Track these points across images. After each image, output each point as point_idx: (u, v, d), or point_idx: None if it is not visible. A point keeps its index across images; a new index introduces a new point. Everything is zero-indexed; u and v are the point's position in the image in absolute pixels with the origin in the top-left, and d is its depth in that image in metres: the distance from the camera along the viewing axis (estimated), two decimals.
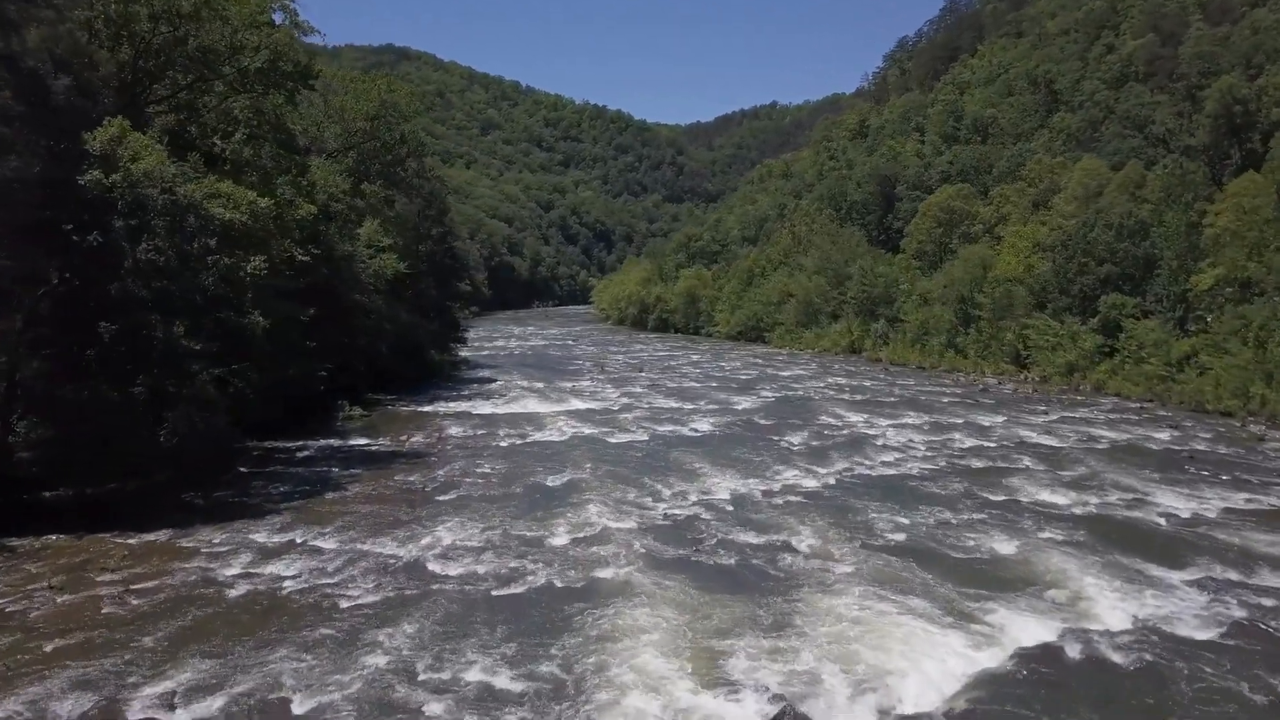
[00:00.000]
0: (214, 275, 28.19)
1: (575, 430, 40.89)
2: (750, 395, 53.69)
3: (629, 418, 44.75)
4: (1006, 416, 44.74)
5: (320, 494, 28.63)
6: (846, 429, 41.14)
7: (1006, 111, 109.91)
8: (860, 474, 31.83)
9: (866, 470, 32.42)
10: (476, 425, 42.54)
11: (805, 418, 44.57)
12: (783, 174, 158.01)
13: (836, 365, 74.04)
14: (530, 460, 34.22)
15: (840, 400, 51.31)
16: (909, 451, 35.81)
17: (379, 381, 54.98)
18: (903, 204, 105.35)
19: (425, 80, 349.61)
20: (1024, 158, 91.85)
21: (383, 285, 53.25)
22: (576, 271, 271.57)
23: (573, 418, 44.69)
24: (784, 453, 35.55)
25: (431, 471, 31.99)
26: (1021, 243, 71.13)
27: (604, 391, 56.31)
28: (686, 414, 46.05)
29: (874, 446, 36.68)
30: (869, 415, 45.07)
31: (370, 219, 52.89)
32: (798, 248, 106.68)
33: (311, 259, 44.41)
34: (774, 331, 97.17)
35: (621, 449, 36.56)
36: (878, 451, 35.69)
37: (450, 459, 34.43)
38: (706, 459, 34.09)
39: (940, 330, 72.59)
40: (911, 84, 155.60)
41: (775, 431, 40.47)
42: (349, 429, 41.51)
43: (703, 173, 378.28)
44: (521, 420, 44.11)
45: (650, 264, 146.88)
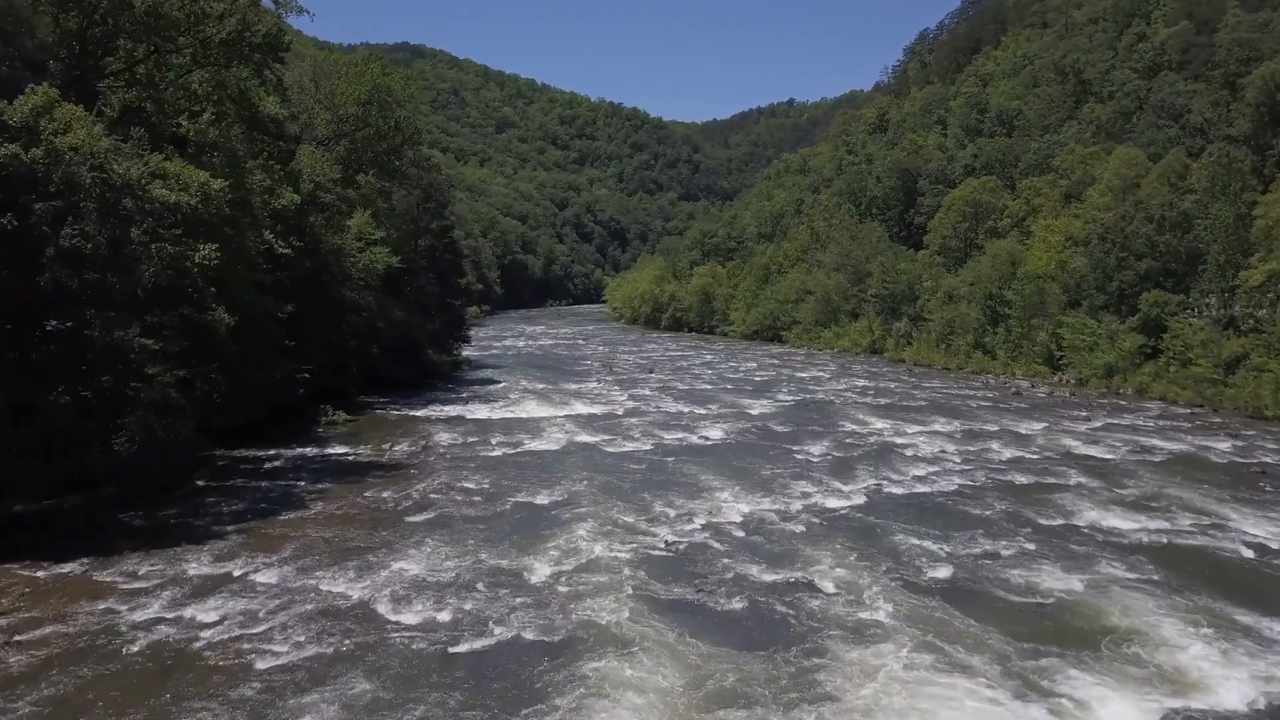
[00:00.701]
0: (156, 266, 24.77)
1: (574, 438, 37.44)
2: (766, 398, 50.15)
3: (634, 423, 41.28)
4: (1046, 423, 41.03)
5: (278, 513, 25.27)
6: (871, 437, 37.52)
7: (1033, 103, 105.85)
8: (890, 491, 28.18)
9: (897, 487, 28.77)
10: (469, 432, 39.15)
11: (826, 424, 41.00)
12: (800, 169, 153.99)
13: (857, 366, 70.36)
14: (521, 473, 30.78)
15: (863, 404, 47.69)
16: (942, 464, 32.15)
17: (372, 383, 51.78)
18: (925, 199, 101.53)
19: (440, 78, 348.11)
20: (1053, 149, 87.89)
21: (375, 281, 49.97)
22: (591, 270, 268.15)
23: (573, 423, 41.26)
24: (803, 465, 31.96)
25: (408, 486, 28.58)
26: (1053, 237, 67.30)
27: (610, 394, 52.86)
28: (696, 420, 42.55)
29: (903, 458, 33.04)
30: (895, 421, 41.45)
31: (360, 210, 49.58)
32: (816, 244, 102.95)
33: (294, 251, 41.26)
34: (791, 331, 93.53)
35: (623, 460, 33.06)
36: (908, 464, 32.02)
37: (432, 471, 31.01)
38: (716, 472, 30.56)
39: (967, 329, 68.81)
40: (932, 77, 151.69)
41: (793, 440, 36.90)
42: (329, 436, 38.19)
43: (719, 170, 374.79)
44: (518, 426, 40.70)
45: (664, 261, 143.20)
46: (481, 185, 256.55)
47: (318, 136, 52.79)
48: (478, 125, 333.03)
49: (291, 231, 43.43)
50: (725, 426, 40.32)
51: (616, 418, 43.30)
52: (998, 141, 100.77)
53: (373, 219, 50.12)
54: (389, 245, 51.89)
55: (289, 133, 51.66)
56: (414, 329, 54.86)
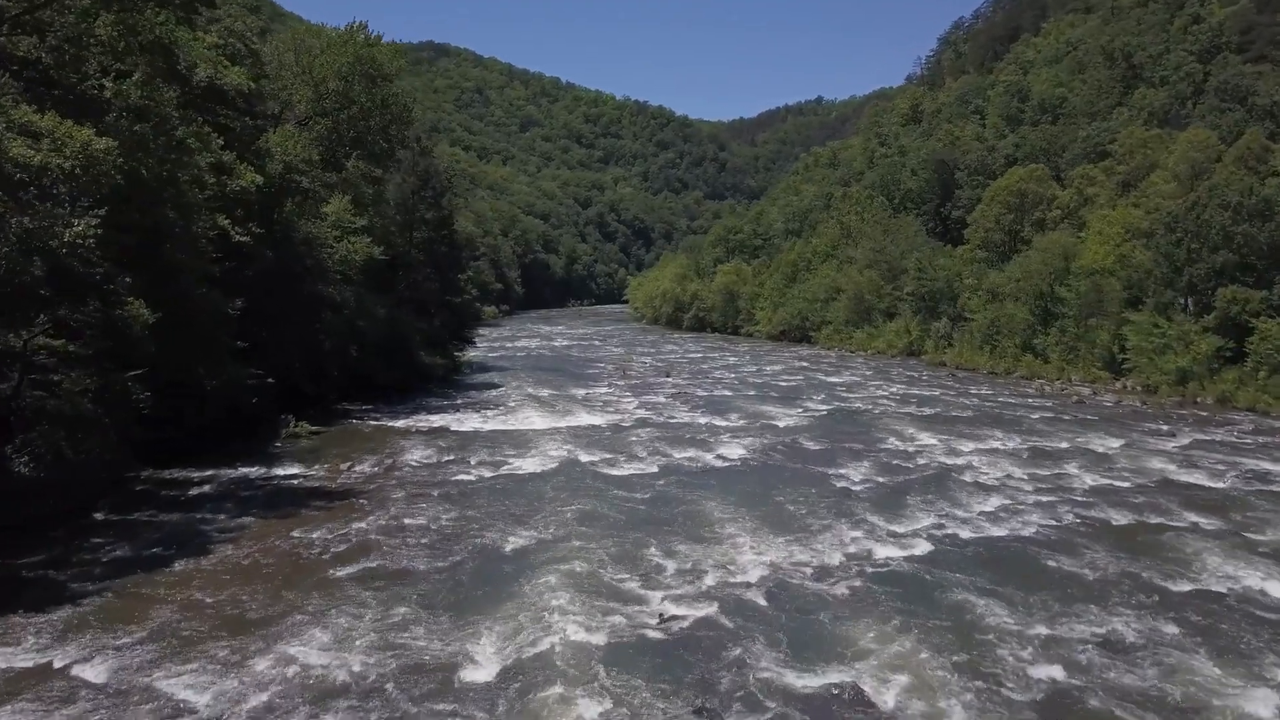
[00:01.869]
0: (9, 242, 19.30)
1: (570, 456, 31.75)
2: (795, 408, 44.29)
3: (641, 438, 35.54)
4: (1123, 439, 34.96)
5: (170, 561, 19.74)
6: (920, 457, 31.58)
7: (1079, 89, 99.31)
8: (954, 535, 22.21)
9: (962, 528, 22.80)
10: (449, 447, 33.57)
11: (865, 440, 35.10)
12: (829, 162, 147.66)
13: (894, 370, 64.30)
14: (494, 505, 25.13)
15: (905, 415, 41.76)
16: (1013, 494, 26.17)
17: (357, 388, 46.43)
18: (963, 191, 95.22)
19: (464, 77, 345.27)
20: (1104, 136, 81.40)
21: (355, 274, 44.54)
22: (614, 270, 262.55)
23: (572, 437, 35.61)
24: (841, 497, 26.06)
25: (350, 523, 22.98)
26: (1111, 228, 60.97)
27: (620, 402, 47.21)
28: (714, 433, 36.76)
29: (963, 486, 27.10)
30: (946, 436, 35.50)
31: (339, 195, 44.15)
32: (847, 240, 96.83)
33: (254, 239, 35.93)
34: (821, 331, 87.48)
35: (622, 487, 27.31)
36: (970, 495, 26.08)
37: (386, 501, 25.40)
38: (733, 505, 24.75)
39: (1014, 330, 62.64)
40: (968, 67, 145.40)
41: (827, 461, 31.01)
42: (284, 452, 32.71)
43: (745, 169, 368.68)
44: (508, 441, 35.09)
45: (686, 259, 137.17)
46: (503, 184, 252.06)
47: (298, 115, 47.53)
48: (501, 124, 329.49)
49: (257, 218, 38.27)
50: (747, 443, 34.48)
51: (622, 430, 37.60)
52: (1042, 130, 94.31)
53: (353, 205, 44.64)
54: (373, 235, 46.47)
55: (268, 110, 46.47)
56: (403, 328, 49.36)
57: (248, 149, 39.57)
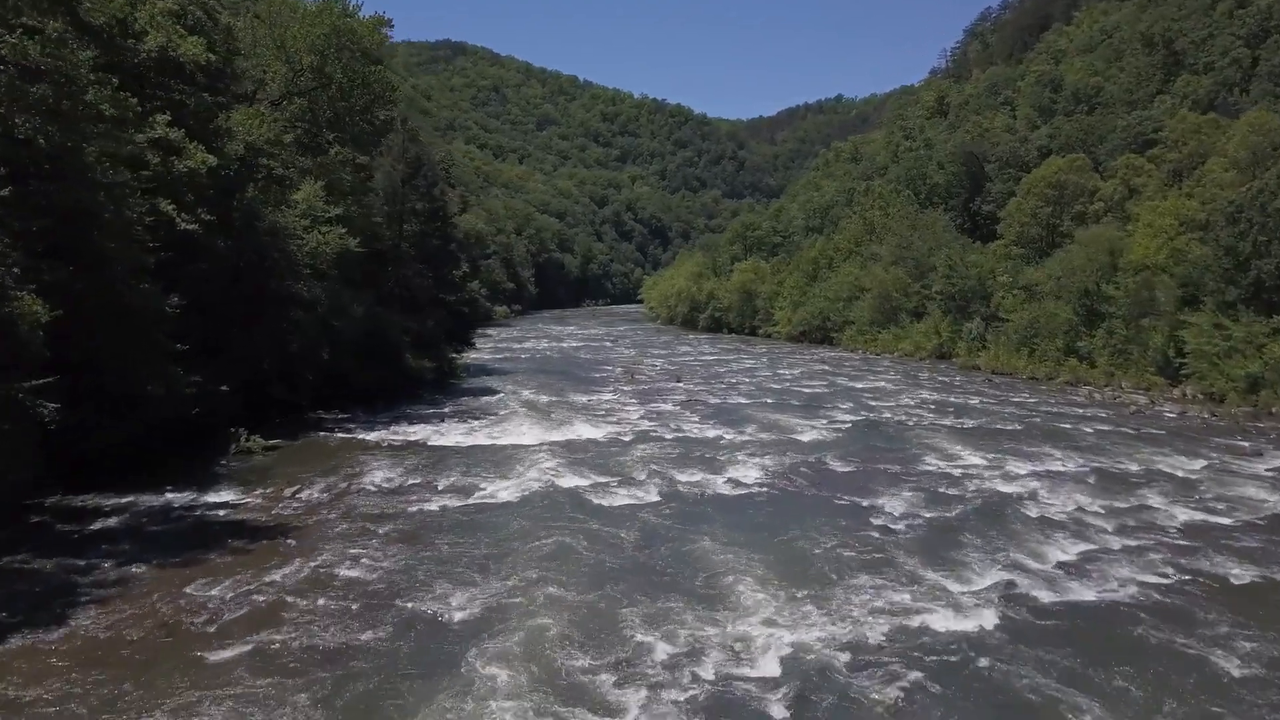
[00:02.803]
0: None
1: (555, 480, 27.06)
2: (818, 419, 39.49)
3: (642, 456, 30.82)
4: (1202, 460, 30.00)
5: (8, 634, 15.22)
6: (970, 482, 26.75)
7: (1116, 77, 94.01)
8: (1030, 597, 17.25)
9: (1038, 586, 17.80)
10: (419, 466, 29.02)
11: (902, 460, 30.26)
12: (851, 157, 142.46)
13: (924, 374, 59.36)
14: (451, 547, 20.48)
15: (944, 428, 36.90)
16: (1092, 535, 21.23)
17: (335, 393, 42.03)
18: (994, 184, 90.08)
19: (481, 75, 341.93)
20: (1147, 125, 76.13)
21: (330, 268, 40.03)
22: (631, 269, 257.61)
23: (563, 455, 30.96)
24: (879, 539, 21.18)
25: (264, 574, 18.34)
26: (1162, 220, 55.84)
27: (624, 410, 42.56)
28: (726, 451, 32.00)
29: (1028, 523, 22.21)
30: (995, 455, 30.63)
31: (311, 181, 39.65)
32: (871, 236, 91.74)
33: (204, 228, 31.51)
34: (844, 332, 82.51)
35: (611, 523, 22.57)
36: (1039, 536, 21.17)
37: (321, 542, 20.77)
38: (745, 552, 19.94)
39: (1055, 332, 57.56)
40: (995, 58, 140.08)
41: (860, 488, 26.20)
42: (228, 472, 28.20)
43: (764, 167, 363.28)
44: (488, 459, 30.48)
45: (703, 257, 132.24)
46: (519, 182, 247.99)
47: (271, 95, 43.12)
48: (518, 122, 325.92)
49: (213, 204, 33.90)
50: (764, 463, 29.68)
51: (622, 446, 32.91)
52: (1077, 120, 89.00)
53: (328, 192, 40.13)
54: (354, 225, 41.94)
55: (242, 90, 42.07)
56: (387, 328, 44.82)
57: (205, 127, 35.27)
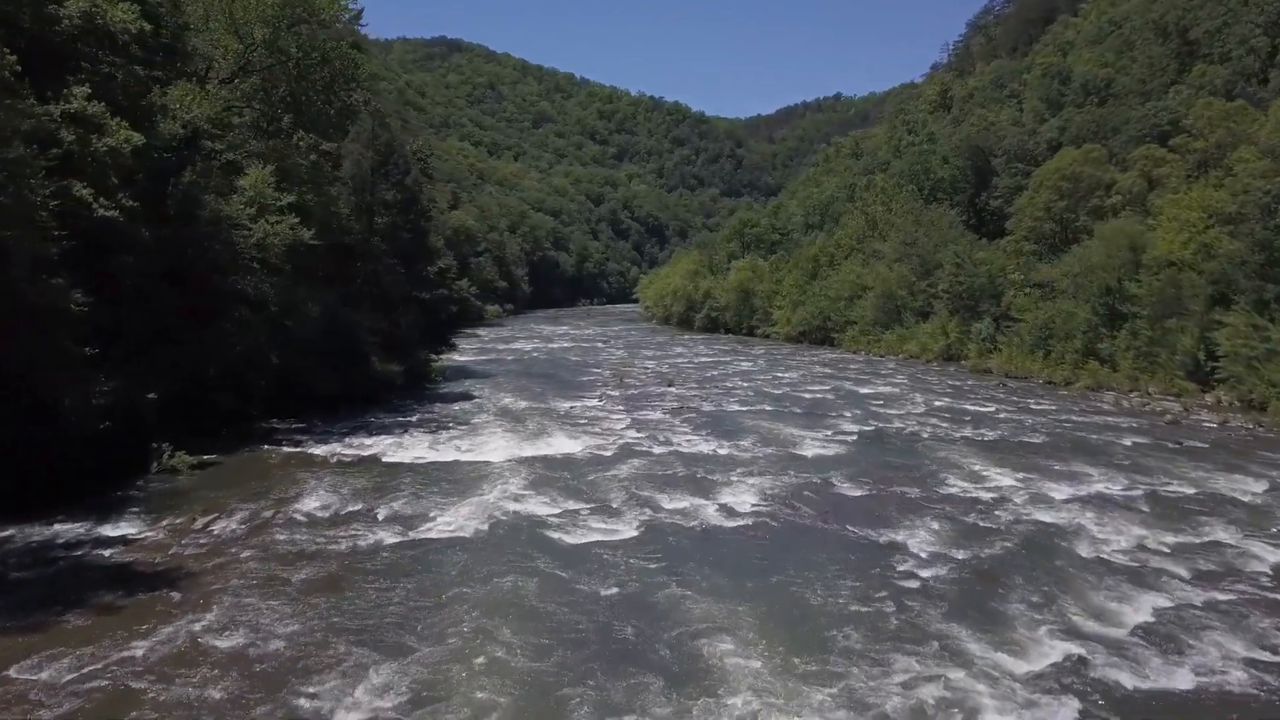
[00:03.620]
0: None
1: (518, 507, 23.30)
2: (822, 429, 35.78)
3: (623, 477, 27.08)
4: (1262, 479, 26.24)
5: None
6: (1002, 509, 22.99)
7: (1129, 68, 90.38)
8: (1109, 682, 13.26)
9: (1116, 664, 13.83)
10: (363, 489, 25.28)
11: (920, 480, 26.54)
12: (852, 153, 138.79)
13: (933, 378, 55.67)
14: (372, 602, 16.69)
15: (963, 441, 33.20)
16: (1167, 586, 17.33)
17: (294, 400, 38.36)
18: (1001, 179, 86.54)
19: (477, 72, 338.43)
20: (1163, 116, 72.54)
21: (282, 262, 36.28)
22: (627, 268, 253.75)
23: (533, 474, 27.24)
24: (903, 589, 17.28)
25: (117, 648, 14.37)
26: (1188, 214, 52.19)
27: (608, 419, 38.89)
28: (719, 469, 28.28)
29: (1083, 567, 18.38)
30: (1025, 474, 26.94)
31: (259, 166, 35.91)
32: (873, 232, 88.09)
33: (125, 214, 27.87)
34: (845, 333, 78.80)
35: (576, 568, 18.71)
36: (1100, 584, 17.31)
37: (211, 595, 16.87)
38: (736, 608, 16.10)
39: (1073, 332, 53.83)
40: (999, 51, 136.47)
41: (875, 518, 22.41)
42: (141, 496, 24.42)
43: (763, 166, 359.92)
44: (447, 479, 26.77)
45: (699, 255, 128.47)
46: (514, 180, 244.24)
47: (221, 74, 39.43)
48: (514, 120, 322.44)
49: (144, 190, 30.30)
50: (762, 485, 25.92)
51: (601, 463, 29.19)
52: (1088, 112, 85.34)
53: (279, 177, 36.41)
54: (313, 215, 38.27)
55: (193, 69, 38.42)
56: (350, 329, 41.07)
57: (136, 104, 31.60)
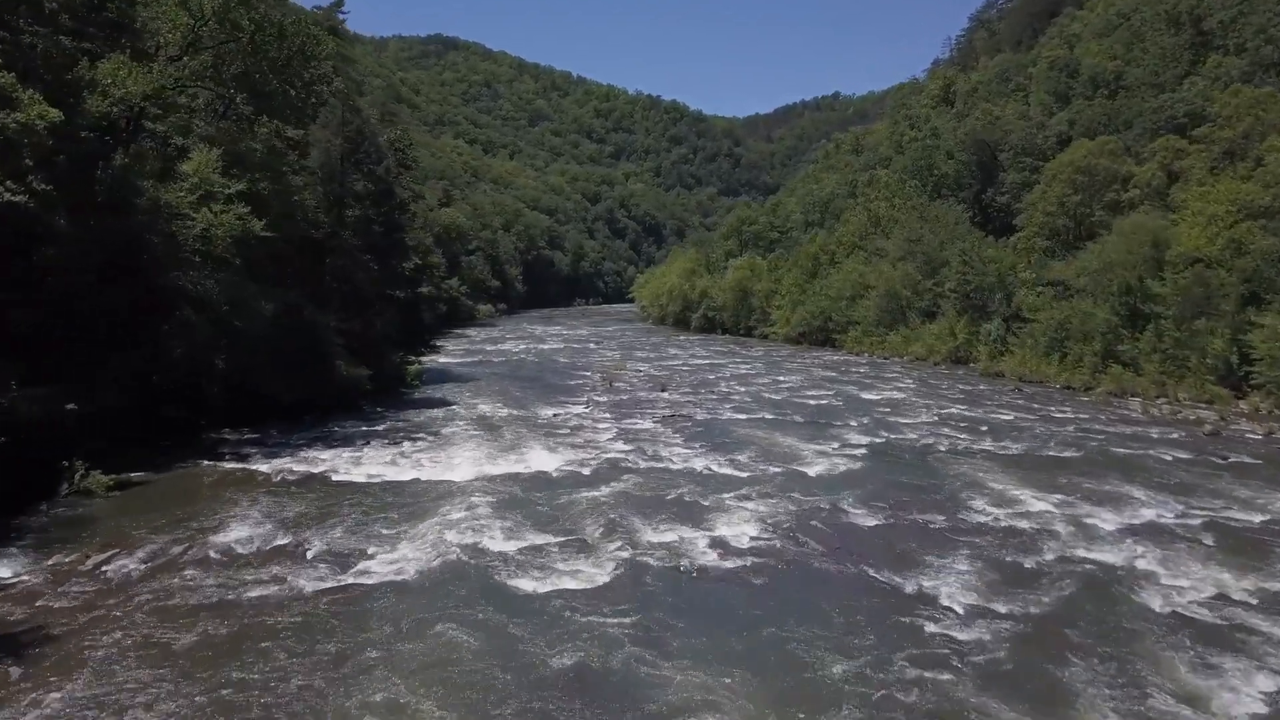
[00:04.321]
0: None
1: (475, 540, 19.87)
2: (828, 440, 32.44)
3: (601, 502, 23.65)
4: None
5: None
6: (1043, 544, 19.56)
7: (1141, 59, 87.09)
8: None
9: None
10: (299, 516, 21.89)
11: (944, 504, 23.16)
12: (853, 149, 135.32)
13: (943, 382, 52.31)
14: (286, 661, 13.37)
15: (985, 455, 29.83)
16: (1266, 655, 14.17)
17: (255, 409, 35.07)
18: (1008, 174, 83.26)
19: (473, 70, 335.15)
20: (1179, 106, 69.22)
21: (232, 256, 32.80)
22: (624, 267, 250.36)
23: (500, 497, 23.86)
24: (938, 655, 13.89)
25: None
26: (1215, 207, 49.00)
27: (593, 429, 35.53)
28: (712, 491, 24.88)
29: (1160, 626, 15.02)
30: (1062, 496, 23.57)
31: (204, 149, 32.43)
32: (876, 229, 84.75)
33: (38, 200, 24.61)
34: (847, 334, 75.43)
35: (533, 626, 15.28)
36: (1186, 653, 13.96)
37: (72, 666, 13.53)
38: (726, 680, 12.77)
39: (1091, 334, 50.48)
40: (1003, 46, 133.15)
41: (894, 555, 18.96)
42: (37, 525, 20.98)
43: (761, 165, 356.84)
44: (401, 502, 23.38)
45: (696, 253, 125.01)
46: (509, 178, 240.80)
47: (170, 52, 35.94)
48: (510, 118, 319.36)
49: (66, 175, 27.06)
50: (761, 511, 22.52)
51: (579, 483, 25.82)
52: (1099, 104, 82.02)
53: (229, 162, 32.96)
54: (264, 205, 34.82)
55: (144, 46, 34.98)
56: (311, 330, 37.65)
57: (60, 78, 28.25)
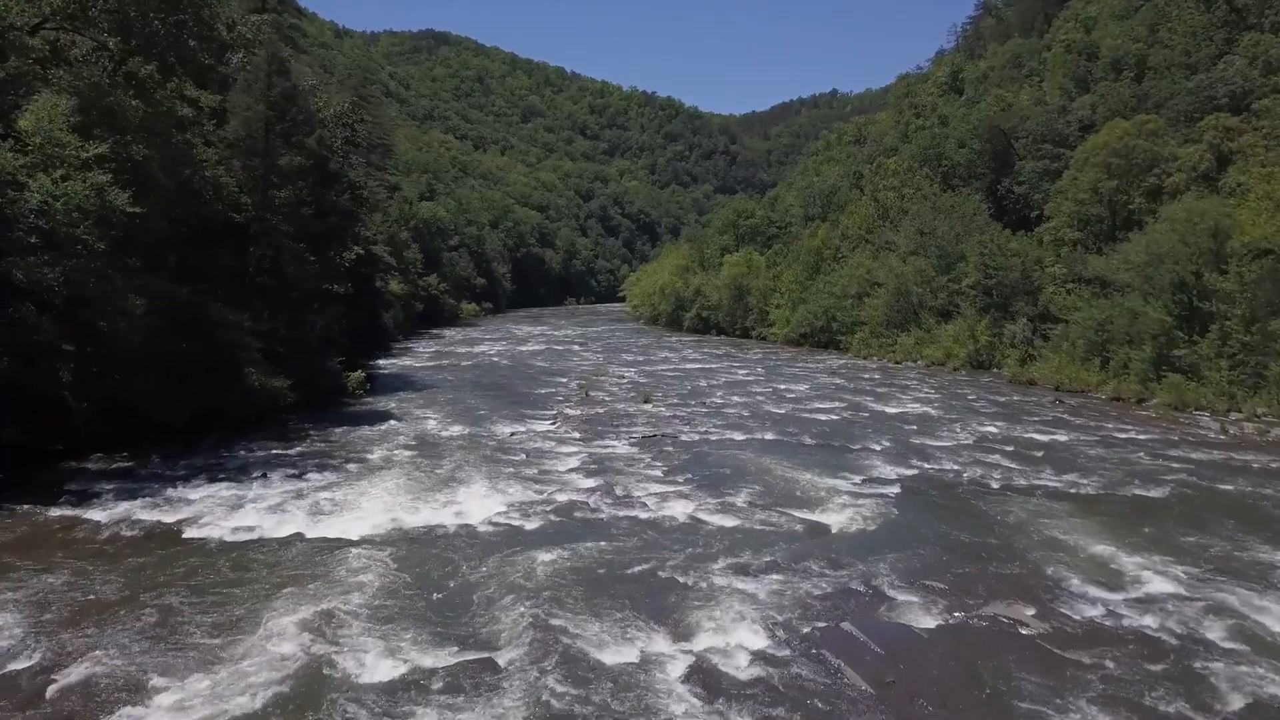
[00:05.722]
0: None
1: (331, 661, 13.01)
2: (847, 473, 25.55)
3: (534, 579, 16.64)
4: None
5: None
6: (1199, 661, 12.84)
7: (1170, 39, 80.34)
8: None
9: None
10: (93, 608, 15.11)
11: (1025, 587, 16.22)
12: (855, 139, 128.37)
13: (968, 391, 45.44)
14: None
15: (1052, 494, 22.94)
16: None
17: (137, 430, 28.25)
18: (1025, 163, 76.37)
19: (465, 65, 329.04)
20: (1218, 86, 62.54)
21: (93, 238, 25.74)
22: (617, 266, 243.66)
23: (398, 572, 16.98)
24: None
25: None
26: None
27: (554, 456, 28.64)
28: (697, 564, 17.88)
29: None
30: (1185, 570, 16.72)
31: (57, 97, 25.41)
32: (884, 220, 77.87)
33: None
34: (853, 335, 68.49)
35: None
36: None
37: None
38: None
39: (1140, 336, 43.66)
40: (1013, 32, 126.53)
41: (980, 700, 12.31)
42: None
43: (757, 162, 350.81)
44: (252, 579, 16.48)
45: (689, 249, 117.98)
46: (499, 173, 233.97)
47: None
48: (502, 114, 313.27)
49: None
50: (767, 604, 15.48)
51: (515, 547, 18.87)
52: (1124, 85, 75.20)
53: (84, 116, 25.94)
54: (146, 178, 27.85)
55: None
56: (209, 332, 30.66)
57: None
